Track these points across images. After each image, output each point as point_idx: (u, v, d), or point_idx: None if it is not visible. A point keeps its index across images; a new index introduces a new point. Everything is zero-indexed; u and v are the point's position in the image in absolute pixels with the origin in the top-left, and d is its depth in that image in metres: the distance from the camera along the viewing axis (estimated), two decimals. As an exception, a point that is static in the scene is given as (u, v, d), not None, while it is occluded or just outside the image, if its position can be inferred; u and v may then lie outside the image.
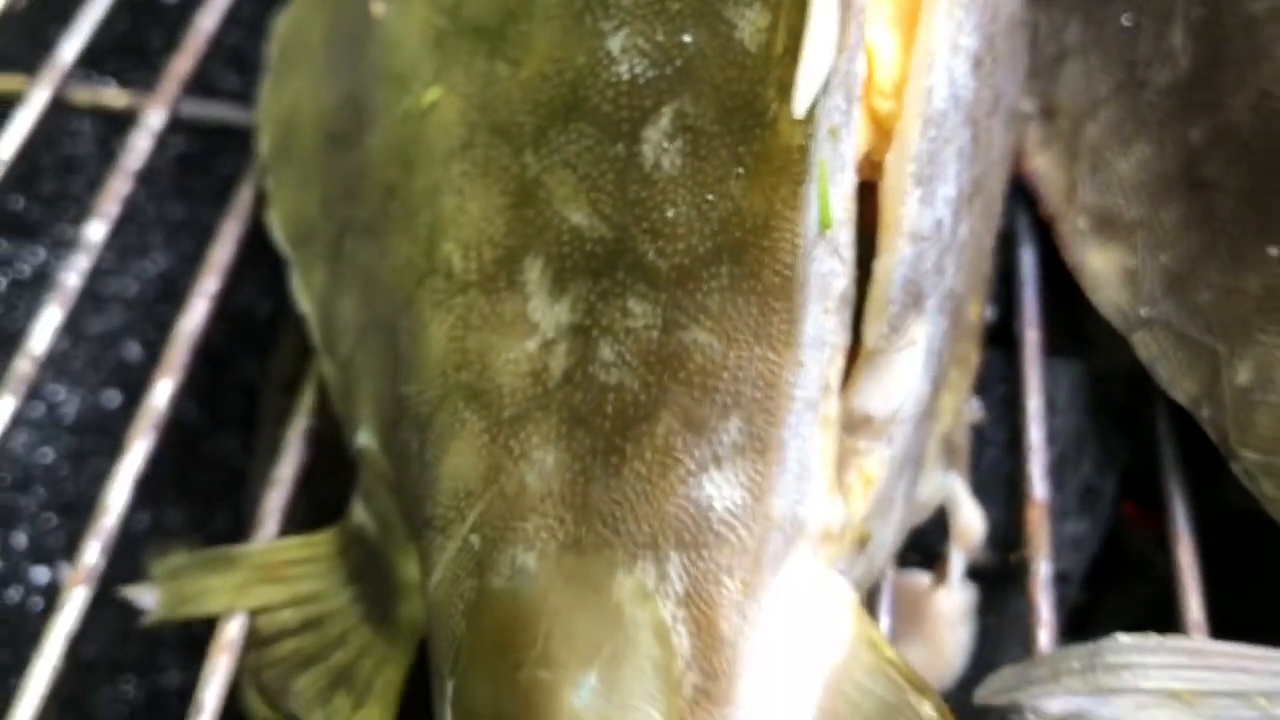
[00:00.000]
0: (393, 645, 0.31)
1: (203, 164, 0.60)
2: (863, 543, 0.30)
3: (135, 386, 0.40)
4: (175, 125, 0.47)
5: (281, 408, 0.41)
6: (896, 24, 0.29)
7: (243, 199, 0.44)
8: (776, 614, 0.26)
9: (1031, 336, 0.42)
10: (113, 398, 0.55)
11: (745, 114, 0.26)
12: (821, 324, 0.27)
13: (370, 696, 0.32)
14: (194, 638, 0.36)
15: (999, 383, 0.43)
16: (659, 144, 0.28)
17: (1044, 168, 0.45)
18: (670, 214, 0.27)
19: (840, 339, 0.28)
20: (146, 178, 0.51)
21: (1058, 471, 0.41)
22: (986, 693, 0.32)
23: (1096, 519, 0.41)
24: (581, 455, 0.27)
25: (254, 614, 0.34)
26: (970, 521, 0.36)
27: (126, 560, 0.37)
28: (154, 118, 0.45)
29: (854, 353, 0.30)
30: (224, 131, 0.47)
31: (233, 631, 0.34)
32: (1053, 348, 0.44)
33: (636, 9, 0.29)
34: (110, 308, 0.56)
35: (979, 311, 0.39)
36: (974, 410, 0.39)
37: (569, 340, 0.28)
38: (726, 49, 0.27)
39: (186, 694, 0.33)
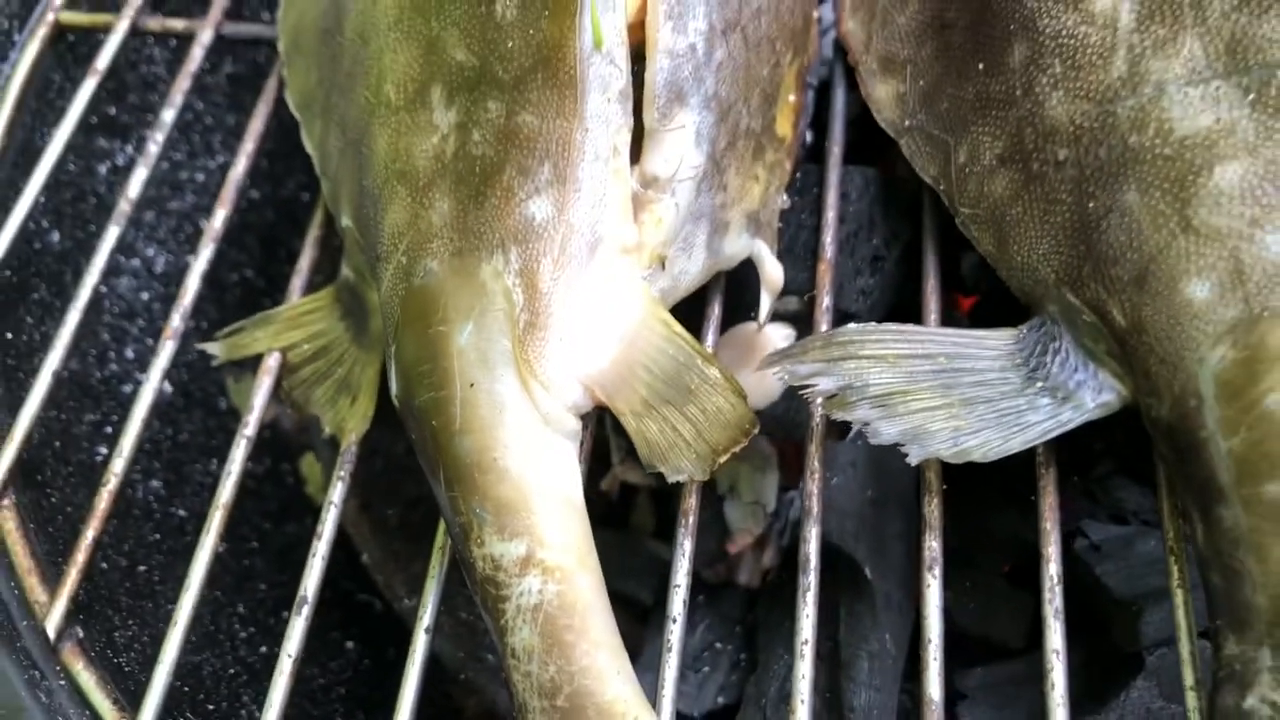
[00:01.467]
0: (370, 351, 0.49)
1: (249, 82, 0.78)
2: (661, 263, 0.46)
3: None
4: (219, 44, 0.64)
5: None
6: None
7: (268, 88, 0.61)
8: (581, 286, 0.43)
9: (835, 150, 0.57)
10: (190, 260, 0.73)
11: None
12: (604, 107, 0.43)
13: (360, 392, 0.50)
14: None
15: (815, 186, 0.58)
16: (504, 2, 0.44)
17: (852, 29, 0.60)
18: (510, 45, 0.44)
19: (623, 120, 0.44)
20: (204, 94, 0.69)
21: (851, 243, 0.57)
22: (762, 362, 0.48)
23: (883, 278, 0.57)
24: (463, 200, 0.44)
25: (284, 350, 0.52)
26: (772, 272, 0.52)
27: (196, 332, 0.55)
28: (204, 35, 0.63)
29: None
30: (257, 43, 0.64)
31: (270, 362, 0.52)
32: (852, 158, 0.59)
33: None
34: (184, 191, 0.74)
35: (787, 129, 0.55)
36: (783, 201, 0.55)
37: (455, 133, 0.44)
38: None
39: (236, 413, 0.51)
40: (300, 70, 0.56)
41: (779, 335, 0.55)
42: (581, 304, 0.42)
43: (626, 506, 0.68)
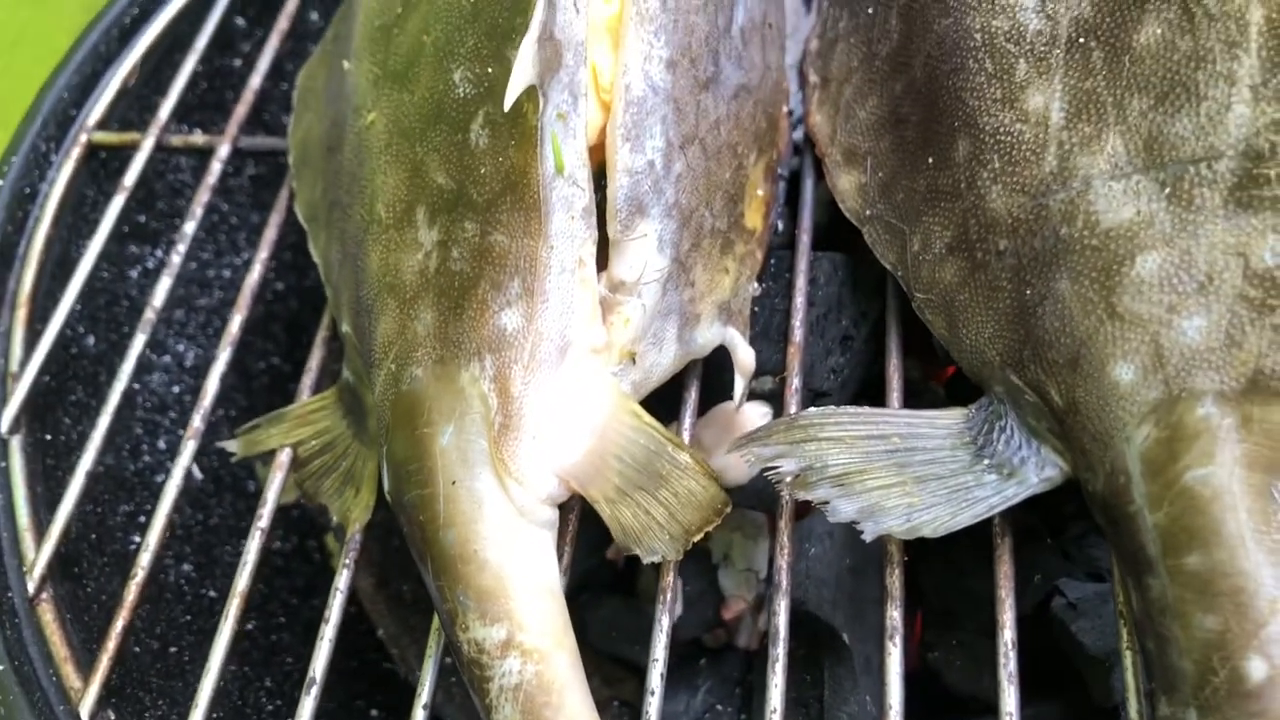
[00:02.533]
0: (370, 447, 0.53)
1: (271, 182, 0.84)
2: (632, 358, 0.50)
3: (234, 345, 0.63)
4: (238, 153, 0.69)
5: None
6: (612, 49, 0.50)
7: (282, 197, 0.66)
8: (551, 387, 0.47)
9: (804, 239, 0.61)
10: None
11: (514, 111, 0.48)
12: (568, 225, 0.48)
13: (363, 484, 0.54)
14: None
15: (787, 271, 0.62)
16: (477, 132, 0.49)
17: (818, 122, 0.64)
18: (482, 171, 0.48)
19: (587, 234, 0.48)
20: (228, 195, 0.74)
21: (821, 324, 0.61)
22: (731, 445, 0.52)
23: (852, 356, 0.61)
24: (444, 312, 0.48)
25: (295, 446, 0.56)
26: (744, 357, 0.56)
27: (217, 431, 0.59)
28: (222, 150, 0.68)
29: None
30: (275, 154, 0.70)
31: (283, 458, 0.57)
32: (823, 244, 0.63)
33: (468, 54, 0.50)
34: (212, 288, 0.79)
35: (757, 221, 0.59)
36: (755, 288, 0.59)
37: (437, 250, 0.49)
38: (507, 75, 0.48)
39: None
40: (307, 183, 0.61)
41: (756, 413, 0.58)
42: (552, 403, 0.46)
43: (633, 573, 0.72)
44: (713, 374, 0.57)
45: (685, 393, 0.55)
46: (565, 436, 0.46)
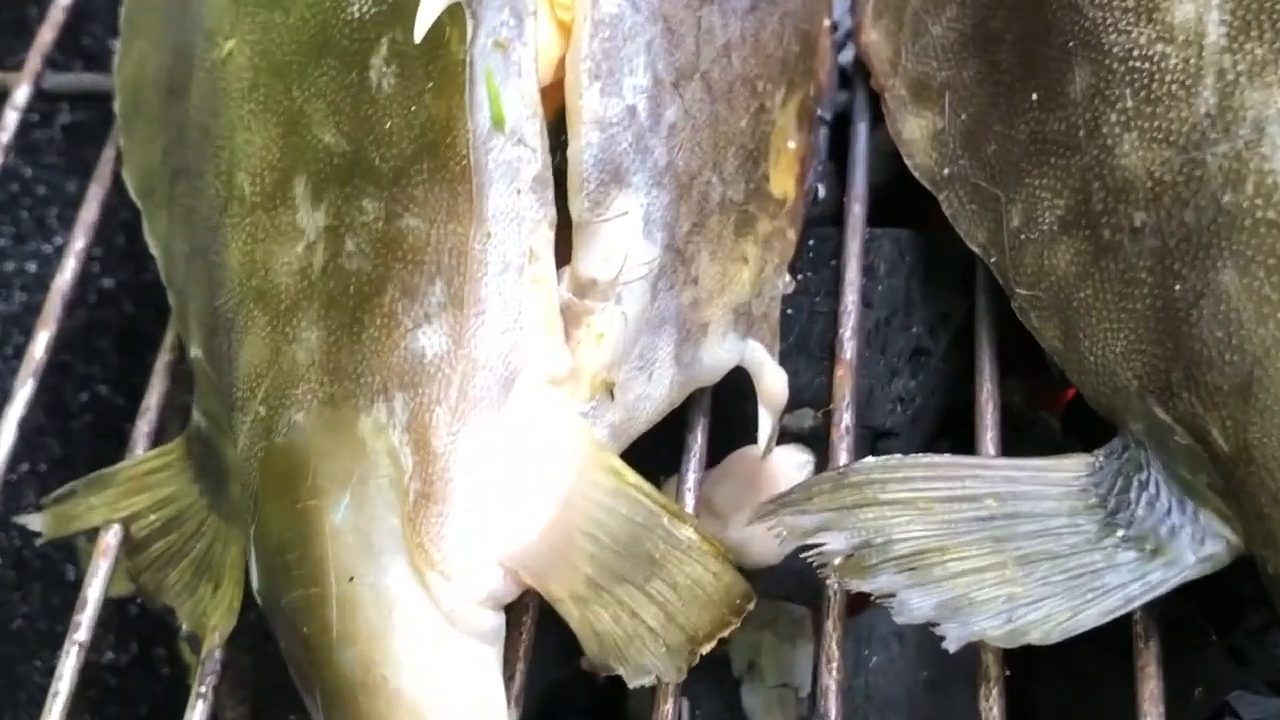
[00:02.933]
0: (234, 523, 0.53)
1: (93, 137, 0.82)
2: (609, 391, 0.50)
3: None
4: (44, 96, 0.69)
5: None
6: None
7: (107, 158, 0.65)
8: (491, 439, 0.46)
9: (856, 209, 0.61)
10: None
11: (432, 36, 0.47)
12: (512, 202, 0.47)
13: (225, 577, 0.53)
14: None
15: (832, 257, 0.62)
16: (380, 69, 0.48)
17: (876, 39, 0.63)
18: (388, 126, 0.47)
19: (541, 214, 0.48)
20: (32, 155, 0.74)
21: (882, 333, 0.60)
22: (753, 514, 0.51)
23: (927, 378, 0.60)
24: (334, 330, 0.47)
25: (126, 522, 0.56)
26: (772, 384, 0.55)
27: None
28: (20, 93, 0.67)
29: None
30: (98, 98, 0.69)
31: (110, 539, 0.56)
32: (882, 217, 0.63)
33: None
34: (10, 290, 0.79)
35: (788, 185, 0.58)
36: (786, 283, 0.58)
37: (325, 240, 0.48)
38: None
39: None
40: (141, 140, 0.61)
41: (791, 464, 0.58)
42: (493, 462, 0.46)
43: (619, 691, 0.71)
44: (728, 405, 0.57)
45: (689, 434, 0.55)
46: (514, 509, 0.46)
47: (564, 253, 0.49)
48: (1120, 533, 0.47)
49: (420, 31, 0.45)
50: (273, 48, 0.51)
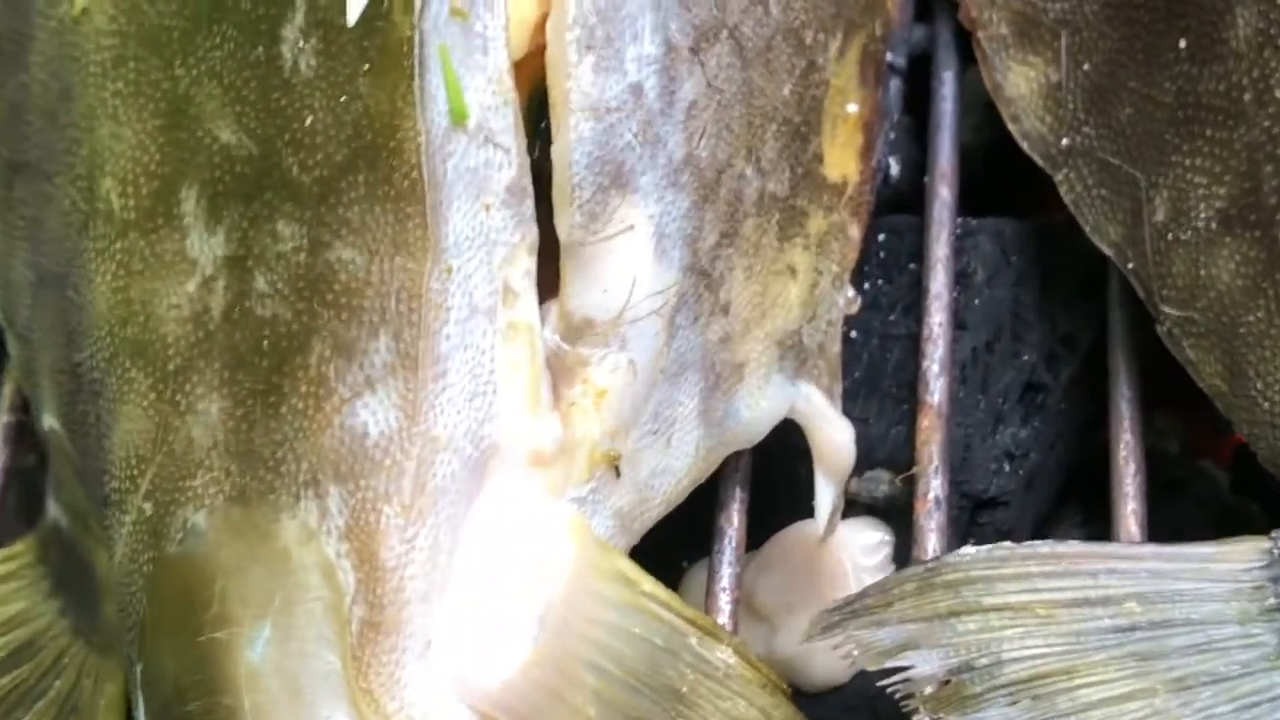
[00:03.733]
0: (107, 655, 0.54)
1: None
2: (612, 465, 0.52)
3: None
4: None
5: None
6: None
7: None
8: (458, 543, 0.48)
9: (943, 194, 0.63)
10: None
11: (369, 10, 0.48)
12: (481, 223, 0.49)
13: (97, 720, 0.55)
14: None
15: (909, 259, 0.63)
16: (295, 43, 0.50)
17: (965, -45, 0.65)
18: (309, 121, 0.49)
19: (519, 235, 0.49)
20: None
21: (982, 365, 0.62)
22: (812, 628, 0.53)
23: (1045, 424, 0.62)
24: (243, 399, 0.49)
25: (-36, 651, 0.57)
26: (834, 441, 0.57)
27: None
28: None
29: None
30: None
31: (-59, 673, 0.58)
32: (979, 201, 0.64)
33: None
34: None
35: (849, 163, 0.60)
36: (850, 298, 0.60)
37: (226, 274, 0.50)
38: None
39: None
40: (-40, 122, 0.62)
41: (862, 546, 0.59)
42: (462, 576, 0.47)
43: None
44: (773, 465, 0.59)
45: (722, 514, 0.57)
46: (490, 636, 0.48)
47: (549, 284, 0.50)
48: (1309, 646, 0.48)
49: (355, 8, 0.46)
50: (145, 6, 0.52)
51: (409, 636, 0.47)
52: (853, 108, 0.58)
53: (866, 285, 0.60)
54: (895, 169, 0.62)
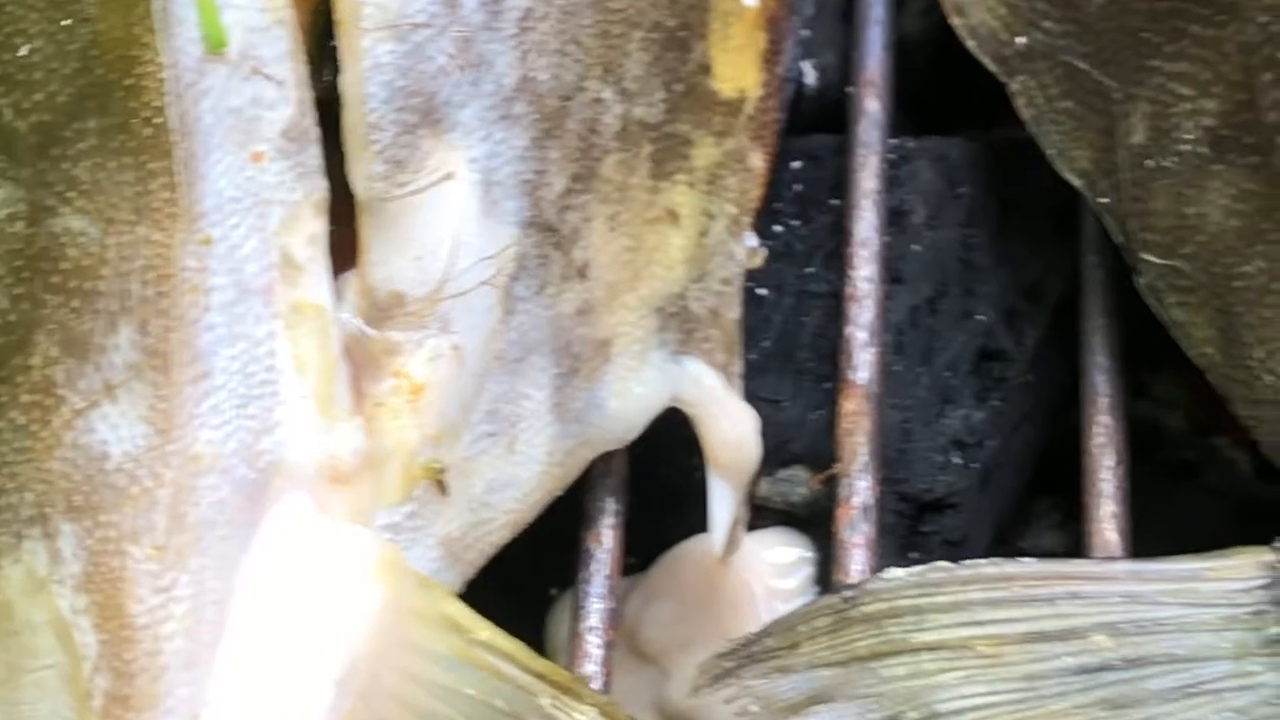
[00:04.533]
0: None
1: None
2: (435, 480, 0.52)
3: None
4: None
5: None
6: None
7: None
8: (234, 588, 0.48)
9: (870, 107, 0.63)
10: None
11: None
12: (249, 178, 0.48)
13: None
14: None
15: (829, 194, 0.63)
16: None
17: None
18: (23, 51, 0.48)
19: (301, 191, 0.49)
20: None
21: (925, 328, 0.62)
22: (700, 680, 0.53)
23: (1009, 400, 0.62)
24: (-55, 414, 0.49)
25: None
26: (732, 434, 0.57)
27: None
28: None
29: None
30: None
31: None
32: (921, 119, 0.64)
33: None
34: None
35: (747, 71, 0.60)
36: (745, 251, 0.60)
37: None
38: None
39: None
40: None
41: (771, 566, 0.60)
42: (237, 635, 0.47)
43: None
44: (659, 457, 0.59)
45: (588, 533, 0.57)
46: (273, 710, 0.47)
47: (346, 252, 0.51)
48: (1311, 684, 0.49)
49: None
50: None
51: (168, 713, 0.47)
52: (749, 1, 0.57)
53: (777, 228, 0.60)
54: (811, 76, 0.61)
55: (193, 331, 0.48)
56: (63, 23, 0.48)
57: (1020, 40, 0.57)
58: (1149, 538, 0.55)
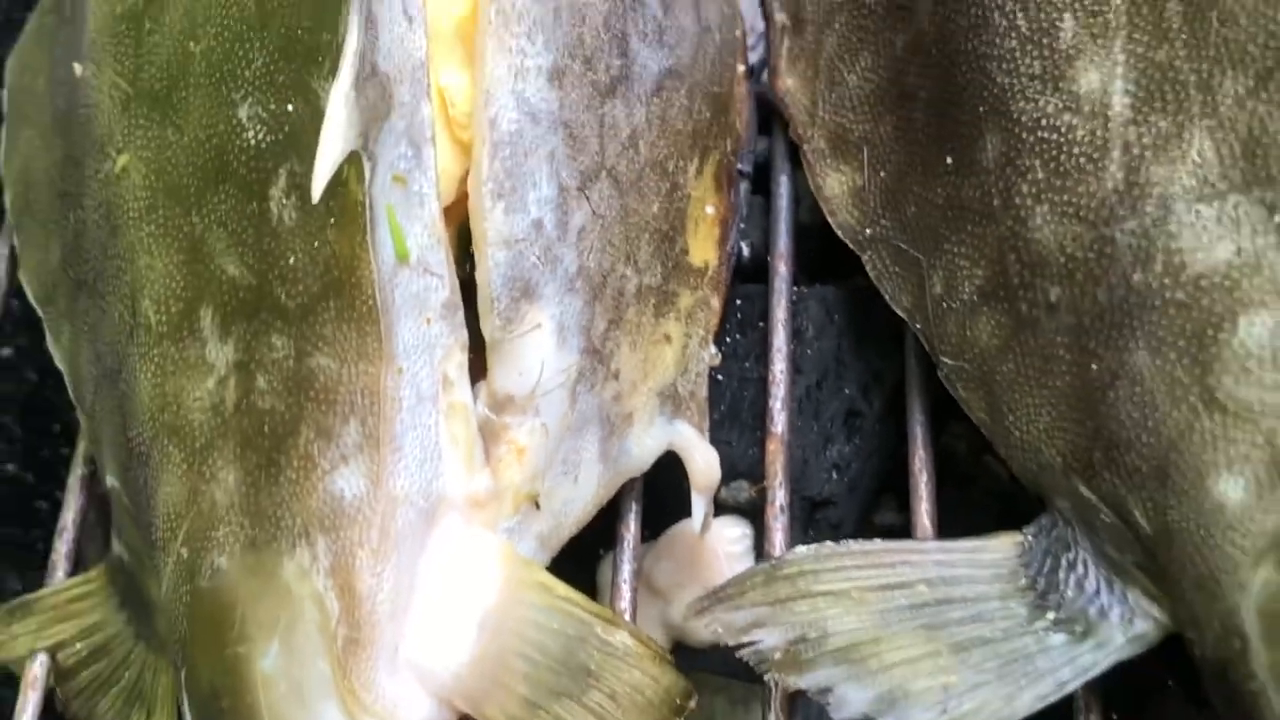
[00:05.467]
0: (161, 654, 0.59)
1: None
2: (534, 503, 0.56)
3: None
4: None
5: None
6: (466, 65, 0.55)
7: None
8: (414, 575, 0.52)
9: (781, 269, 0.66)
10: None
11: (331, 179, 0.52)
12: (422, 333, 0.52)
13: (156, 705, 0.59)
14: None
15: (760, 319, 0.67)
16: (280, 200, 0.53)
17: (792, 86, 0.68)
18: (291, 261, 0.53)
19: (453, 339, 0.53)
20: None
21: (814, 399, 0.66)
22: (688, 612, 0.56)
23: (863, 442, 0.66)
24: (252, 471, 0.53)
25: (53, 651, 0.61)
26: (703, 465, 0.60)
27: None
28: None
29: (496, 341, 0.55)
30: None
31: (37, 669, 0.62)
32: (812, 274, 0.68)
33: (256, 80, 0.55)
34: None
35: (709, 252, 0.64)
36: (712, 354, 0.64)
37: (236, 375, 0.54)
38: (316, 117, 0.53)
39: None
40: (36, 243, 0.65)
41: (729, 537, 0.64)
42: (419, 597, 0.51)
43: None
44: (662, 472, 0.62)
45: (621, 524, 0.60)
46: (442, 641, 0.51)
47: (478, 369, 0.54)
48: (1051, 615, 0.52)
49: (318, 188, 0.50)
50: (168, 167, 0.55)
51: (379, 647, 0.51)
52: (710, 210, 0.61)
53: (726, 338, 0.63)
54: (747, 252, 0.64)
55: (392, 424, 0.52)
56: (314, 244, 0.51)
57: (867, 231, 0.61)
58: (949, 526, 0.57)
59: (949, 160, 0.58)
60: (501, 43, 0.53)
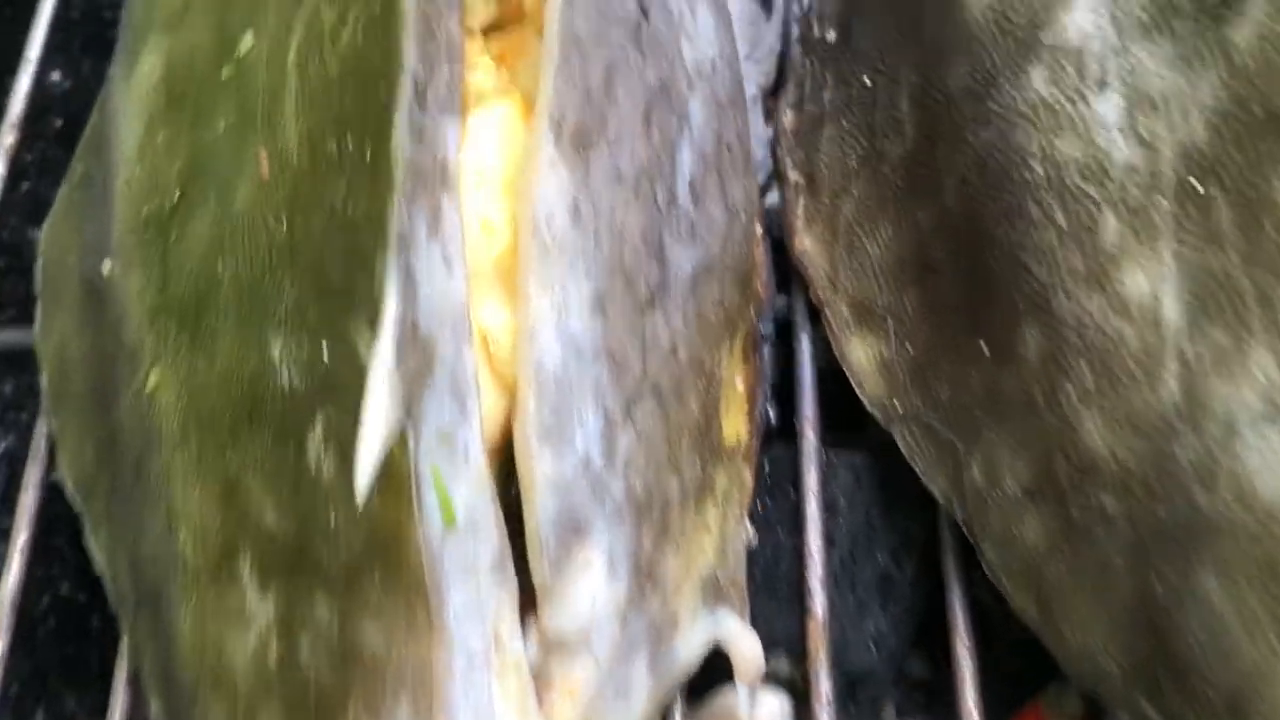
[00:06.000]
0: None
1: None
2: (588, 729, 0.43)
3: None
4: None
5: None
6: (508, 302, 0.42)
7: (40, 432, 0.57)
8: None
9: (809, 434, 0.54)
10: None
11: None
12: (473, 594, 0.40)
13: None
14: None
15: (787, 481, 0.55)
16: (318, 451, 0.40)
17: (810, 248, 0.56)
18: (332, 519, 0.40)
19: (504, 591, 0.41)
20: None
21: (849, 572, 0.54)
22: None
23: (898, 608, 0.54)
24: (299, 736, 0.40)
25: None
26: (747, 654, 0.49)
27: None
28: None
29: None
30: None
31: None
32: (836, 438, 0.56)
33: (288, 317, 0.42)
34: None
35: (739, 427, 0.51)
36: (749, 535, 0.51)
37: (278, 632, 0.41)
38: (354, 365, 0.40)
39: None
40: (72, 432, 0.53)
41: (770, 711, 0.52)
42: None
43: None
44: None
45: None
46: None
47: (526, 605, 0.43)
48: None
49: (363, 480, 0.37)
50: (199, 395, 0.44)
51: None
52: (739, 382, 0.50)
53: (758, 507, 0.52)
54: (774, 418, 0.54)
55: (445, 696, 0.40)
56: (356, 504, 0.39)
57: (898, 406, 0.49)
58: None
59: (984, 345, 0.47)
60: (542, 279, 0.40)
